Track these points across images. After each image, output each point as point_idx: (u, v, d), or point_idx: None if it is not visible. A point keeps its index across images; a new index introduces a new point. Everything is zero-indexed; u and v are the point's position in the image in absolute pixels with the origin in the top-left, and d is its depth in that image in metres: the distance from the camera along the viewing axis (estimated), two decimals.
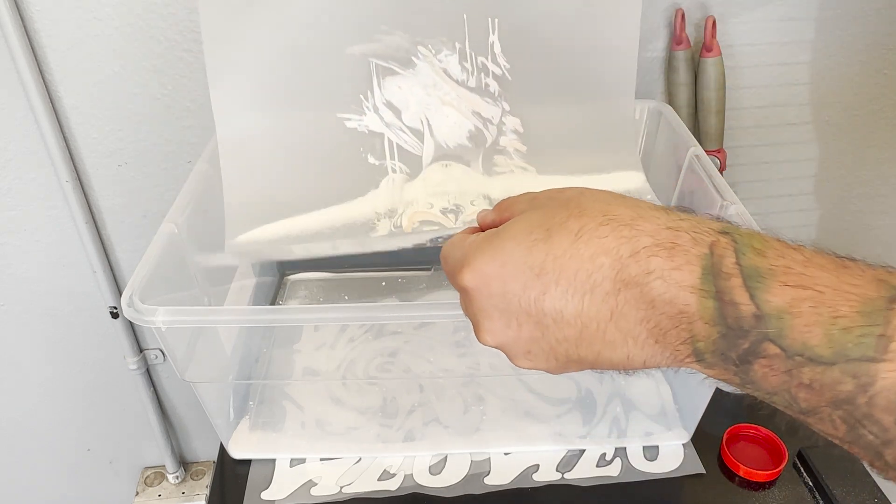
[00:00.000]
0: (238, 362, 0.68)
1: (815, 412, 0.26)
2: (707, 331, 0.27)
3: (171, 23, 0.73)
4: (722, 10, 0.76)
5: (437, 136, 0.65)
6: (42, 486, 1.12)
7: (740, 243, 0.28)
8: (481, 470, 0.62)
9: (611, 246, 0.30)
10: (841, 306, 0.25)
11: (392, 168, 0.65)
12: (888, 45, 0.81)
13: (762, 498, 0.59)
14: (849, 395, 0.24)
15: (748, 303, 0.26)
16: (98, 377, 1.00)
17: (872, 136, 0.87)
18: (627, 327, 0.30)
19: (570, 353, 0.32)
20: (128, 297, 0.49)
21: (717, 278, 0.27)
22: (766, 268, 0.27)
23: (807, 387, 0.25)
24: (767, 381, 0.27)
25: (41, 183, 0.82)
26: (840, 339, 0.24)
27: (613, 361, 0.31)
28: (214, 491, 0.63)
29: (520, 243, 0.32)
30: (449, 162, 0.65)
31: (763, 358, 0.26)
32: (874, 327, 0.24)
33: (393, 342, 0.71)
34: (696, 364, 0.29)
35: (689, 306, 0.28)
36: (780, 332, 0.26)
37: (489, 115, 0.66)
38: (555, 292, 0.31)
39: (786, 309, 0.26)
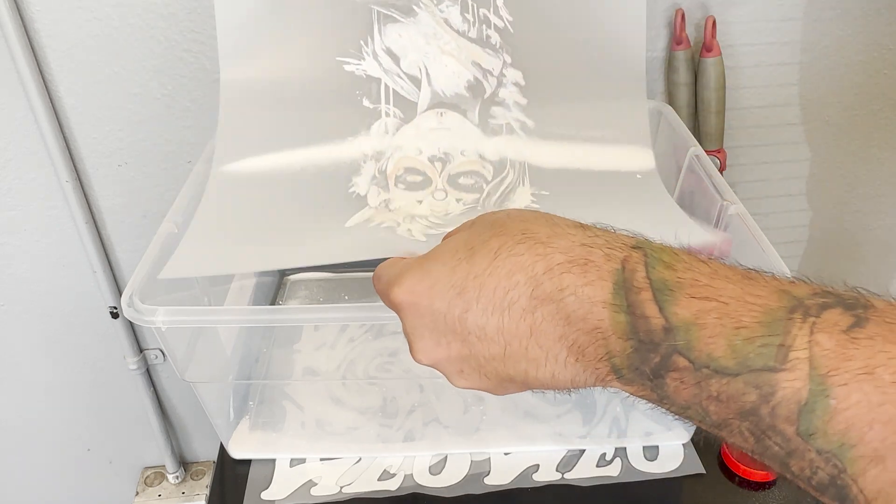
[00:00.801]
0: (238, 362, 0.68)
1: (726, 425, 0.26)
2: (621, 345, 0.28)
3: (171, 23, 0.73)
4: (722, 10, 0.76)
5: (434, 85, 0.65)
6: (42, 486, 1.12)
7: (651, 257, 0.28)
8: (481, 470, 0.62)
9: (526, 263, 0.30)
10: (743, 317, 0.25)
11: (386, 112, 0.64)
12: (888, 45, 0.81)
13: (762, 498, 0.59)
14: (753, 406, 0.24)
15: (658, 316, 0.27)
16: (98, 377, 1.00)
17: (872, 136, 0.87)
18: (548, 345, 0.30)
19: (500, 372, 0.32)
20: (128, 297, 0.49)
21: (629, 293, 0.28)
22: (674, 280, 0.27)
23: (715, 399, 0.25)
24: (679, 394, 0.27)
25: (41, 183, 0.82)
26: (742, 349, 0.24)
27: (541, 380, 0.31)
28: (214, 491, 0.63)
29: (445, 263, 0.33)
30: (444, 110, 0.65)
31: (674, 371, 0.26)
32: (774, 337, 0.24)
33: (393, 342, 0.71)
34: (617, 382, 0.29)
35: (603, 321, 0.28)
36: (687, 344, 0.26)
37: (489, 66, 0.65)
38: (476, 310, 0.31)
39: (692, 321, 0.26)
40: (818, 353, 0.23)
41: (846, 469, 0.23)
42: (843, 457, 0.23)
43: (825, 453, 0.23)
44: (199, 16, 0.73)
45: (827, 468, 0.23)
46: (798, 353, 0.24)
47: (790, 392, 0.23)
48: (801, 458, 0.24)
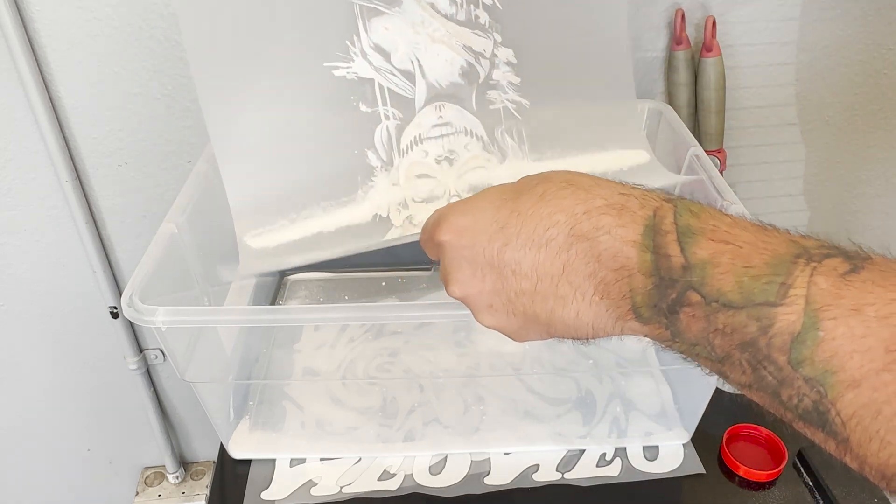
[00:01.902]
0: (238, 362, 0.68)
1: (728, 358, 0.28)
2: (643, 282, 0.30)
3: (171, 23, 0.73)
4: (722, 10, 0.76)
5: (428, 77, 0.63)
6: (42, 486, 1.12)
7: (679, 207, 0.31)
8: (481, 470, 0.62)
9: (568, 205, 0.33)
10: (753, 259, 0.28)
11: (385, 115, 0.63)
12: (888, 45, 0.81)
13: (762, 498, 0.59)
14: (753, 337, 0.27)
15: (679, 255, 0.29)
16: (98, 377, 1.00)
17: (872, 136, 0.87)
18: (577, 281, 0.33)
19: (528, 309, 0.35)
20: (128, 297, 0.49)
21: (656, 235, 0.30)
22: (697, 227, 0.30)
23: (721, 332, 0.28)
24: (690, 329, 0.29)
25: (41, 183, 0.82)
26: (748, 285, 0.27)
27: (565, 321, 0.34)
28: (214, 491, 0.63)
29: (491, 202, 0.36)
30: (442, 103, 0.64)
31: (687, 306, 0.29)
32: (778, 276, 0.27)
33: (393, 342, 0.71)
34: (634, 321, 0.32)
35: (631, 259, 0.31)
36: (701, 280, 0.29)
37: (481, 48, 0.64)
38: (515, 244, 0.34)
39: (708, 260, 0.29)
40: (814, 292, 0.26)
41: (827, 394, 0.25)
42: (826, 383, 0.25)
43: (811, 380, 0.25)
44: None
45: (811, 394, 0.25)
46: (797, 291, 0.26)
47: (786, 324, 0.26)
48: (791, 386, 0.26)
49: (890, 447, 0.24)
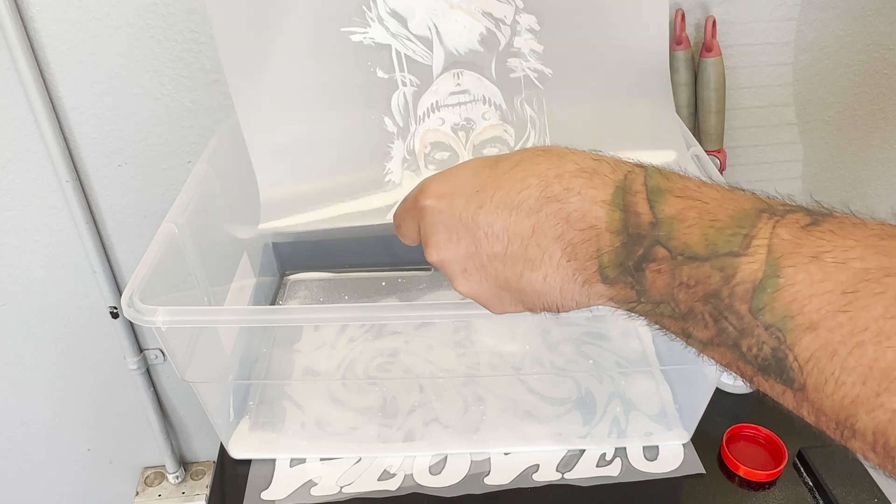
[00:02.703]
0: (238, 362, 0.68)
1: (691, 314, 0.29)
2: (611, 240, 0.31)
3: (170, 23, 0.73)
4: (722, 10, 0.76)
5: (446, 43, 0.62)
6: (42, 486, 1.12)
7: (650, 170, 0.32)
8: (481, 470, 0.62)
9: (541, 170, 0.34)
10: (719, 214, 0.28)
11: (402, 81, 0.62)
12: (888, 45, 0.81)
13: (762, 498, 0.59)
14: (715, 288, 0.27)
15: (647, 212, 0.30)
16: (98, 377, 1.00)
17: (872, 136, 0.87)
18: (545, 243, 0.33)
19: (499, 274, 0.35)
20: (128, 297, 0.49)
21: (626, 194, 0.31)
22: (666, 186, 0.31)
23: (685, 286, 0.28)
24: (655, 286, 0.30)
25: (41, 183, 0.82)
26: (713, 237, 0.28)
27: (534, 284, 0.34)
28: (214, 491, 0.63)
29: (471, 169, 0.37)
30: (460, 70, 0.63)
31: (653, 262, 0.29)
32: (742, 229, 0.27)
33: (393, 342, 0.71)
34: (601, 284, 0.32)
35: (599, 219, 0.31)
36: (668, 235, 0.29)
37: (501, 14, 0.62)
38: (489, 207, 0.35)
39: (675, 216, 0.29)
40: (776, 242, 0.26)
41: (786, 339, 0.25)
42: (785, 328, 0.25)
43: (770, 327, 0.26)
44: (199, 16, 0.73)
45: (771, 342, 0.26)
46: (759, 242, 0.27)
47: (748, 273, 0.26)
48: (751, 335, 0.26)
49: (844, 388, 0.24)
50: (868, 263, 0.24)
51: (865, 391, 0.23)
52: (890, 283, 0.23)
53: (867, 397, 0.23)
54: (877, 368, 0.23)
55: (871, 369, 0.23)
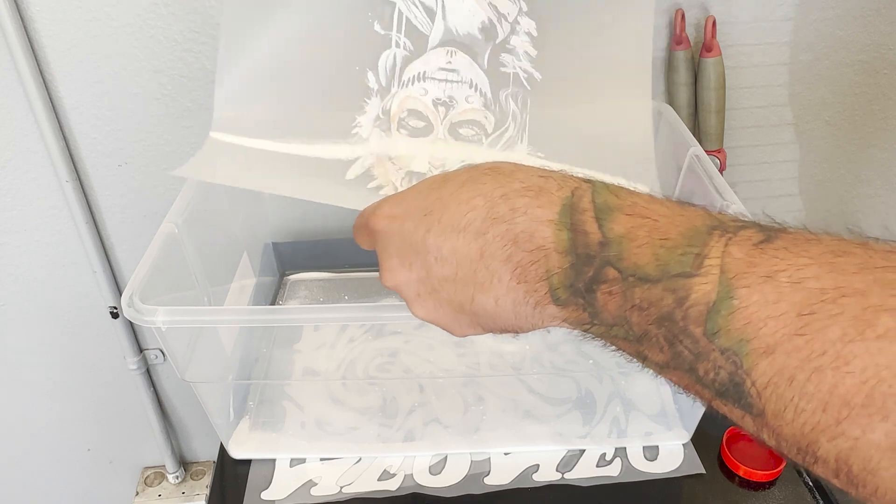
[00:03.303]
0: (238, 362, 0.68)
1: (646, 336, 0.28)
2: (560, 261, 0.30)
3: (170, 23, 0.73)
4: (722, 10, 0.76)
5: (448, 20, 0.62)
6: (42, 486, 1.11)
7: (598, 186, 0.31)
8: (481, 470, 0.62)
9: (487, 189, 0.33)
10: (670, 232, 0.28)
11: (397, 42, 0.62)
12: (888, 45, 0.81)
13: (762, 498, 0.59)
14: (669, 310, 0.26)
15: (596, 231, 0.29)
16: (98, 377, 1.00)
17: (872, 136, 0.87)
18: (494, 266, 0.32)
19: (452, 297, 0.35)
20: (128, 297, 0.49)
21: (574, 213, 0.30)
22: (615, 203, 0.30)
23: (638, 308, 0.28)
24: (608, 308, 0.29)
25: (41, 183, 0.82)
26: (664, 257, 0.27)
27: (486, 308, 0.33)
28: (214, 491, 0.63)
29: (420, 191, 0.37)
30: (455, 49, 0.63)
31: (605, 283, 0.29)
32: (693, 247, 0.26)
33: (393, 342, 0.71)
34: (552, 305, 0.31)
35: (547, 238, 0.30)
36: (618, 255, 0.28)
37: (505, 10, 0.63)
38: (437, 229, 0.34)
39: (625, 234, 0.29)
40: (728, 262, 0.25)
41: (742, 364, 0.24)
42: (741, 352, 0.24)
43: (726, 351, 0.25)
44: (199, 16, 0.73)
45: (727, 366, 0.25)
46: (712, 261, 0.26)
47: (701, 295, 0.26)
48: (707, 359, 0.26)
49: (804, 415, 0.23)
50: (823, 283, 0.23)
51: (826, 418, 0.22)
52: (846, 303, 0.23)
53: (828, 425, 0.22)
54: (836, 395, 0.22)
55: (830, 395, 0.22)
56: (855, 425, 0.22)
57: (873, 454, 0.22)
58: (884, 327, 0.22)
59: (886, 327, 0.22)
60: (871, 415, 0.21)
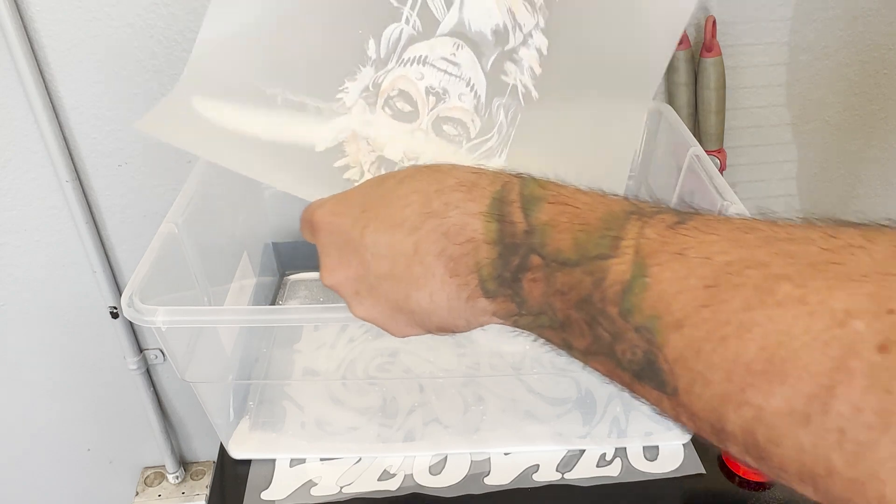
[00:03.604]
0: (238, 362, 0.68)
1: (568, 323, 0.28)
2: (488, 252, 0.30)
3: (170, 23, 0.73)
4: (722, 9, 0.76)
5: (464, 13, 0.61)
6: (42, 486, 1.12)
7: (527, 180, 0.32)
8: (481, 470, 0.62)
9: (423, 186, 0.33)
10: (589, 218, 0.28)
11: (407, 18, 0.60)
12: (888, 45, 0.81)
13: (762, 498, 0.59)
14: (588, 293, 0.27)
15: (522, 221, 0.30)
16: (98, 377, 1.00)
17: (872, 136, 0.87)
18: (428, 261, 0.32)
19: (388, 295, 0.35)
20: (128, 297, 0.49)
21: (503, 205, 0.31)
22: (541, 194, 0.31)
23: (560, 293, 0.28)
24: (533, 295, 0.29)
25: (41, 183, 0.82)
26: (583, 241, 0.28)
27: (422, 305, 0.33)
28: (214, 491, 0.63)
29: (360, 190, 0.37)
30: (462, 43, 0.62)
31: (529, 271, 0.29)
32: (611, 231, 0.27)
33: (393, 342, 0.71)
34: (484, 299, 0.31)
35: (477, 230, 0.31)
36: (542, 242, 0.29)
37: (523, 20, 0.62)
38: (374, 226, 0.34)
39: (548, 222, 0.29)
40: (643, 242, 0.26)
41: (655, 340, 0.25)
42: (653, 328, 0.25)
43: (640, 329, 0.25)
44: (199, 16, 0.73)
45: (642, 344, 0.25)
46: (627, 243, 0.26)
47: (617, 275, 0.26)
48: (623, 339, 0.26)
49: (711, 386, 0.23)
50: (730, 257, 0.24)
51: (731, 388, 0.22)
52: (750, 274, 0.23)
53: (733, 394, 0.22)
54: (739, 363, 0.22)
55: (734, 364, 0.22)
56: (757, 392, 0.22)
57: (775, 421, 0.21)
58: (783, 294, 0.22)
59: (785, 293, 0.22)
60: (770, 380, 0.21)
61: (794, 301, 0.21)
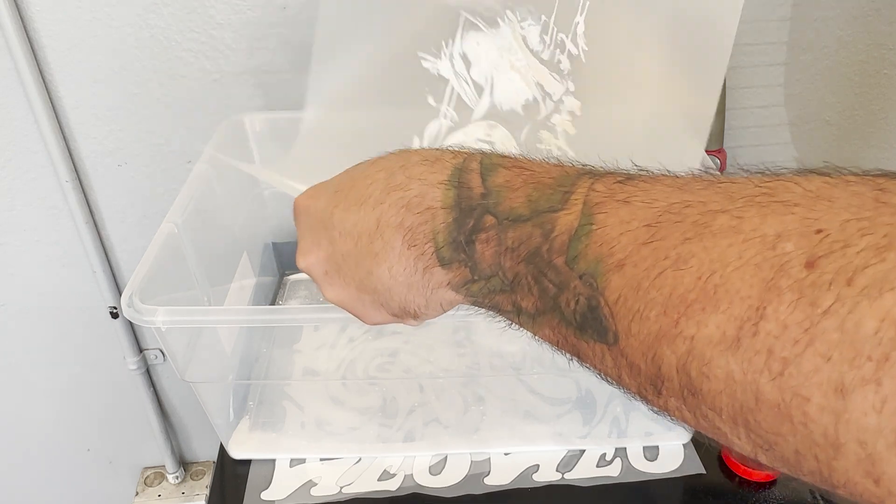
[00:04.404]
0: (238, 362, 0.68)
1: (517, 280, 0.28)
2: (444, 217, 0.31)
3: (170, 23, 0.73)
4: None
5: (495, 97, 0.65)
6: (42, 486, 1.12)
7: (489, 153, 0.32)
8: (481, 470, 0.62)
9: (389, 164, 0.34)
10: (544, 178, 0.29)
11: (444, 114, 0.65)
12: (888, 45, 0.81)
13: (762, 498, 0.59)
14: (536, 245, 0.27)
15: (479, 186, 0.31)
16: (98, 377, 1.00)
17: (872, 136, 0.87)
18: (388, 234, 0.33)
19: (353, 274, 0.35)
20: (128, 297, 0.49)
21: (462, 174, 0.31)
22: (500, 161, 0.31)
23: (510, 251, 0.28)
24: (485, 258, 0.30)
25: (41, 183, 0.82)
26: (536, 197, 0.28)
27: (382, 280, 0.34)
28: (214, 491, 0.63)
29: (338, 175, 0.38)
30: (496, 123, 0.65)
31: (482, 231, 0.30)
32: (562, 188, 0.28)
33: (393, 342, 0.71)
34: (440, 268, 0.32)
35: (436, 199, 0.31)
36: (496, 202, 0.29)
37: (551, 90, 0.65)
38: (343, 205, 0.35)
39: (504, 184, 0.30)
40: (592, 196, 0.27)
41: (597, 285, 0.25)
42: (596, 272, 0.25)
43: (584, 275, 0.25)
44: (199, 16, 0.73)
45: (585, 291, 0.25)
46: (576, 197, 0.27)
47: (564, 226, 0.27)
48: (568, 288, 0.26)
49: (647, 323, 0.23)
50: (672, 200, 0.24)
51: (666, 321, 0.22)
52: (689, 212, 0.23)
53: (668, 328, 0.22)
54: (675, 295, 0.22)
55: (669, 297, 0.22)
56: (691, 322, 0.21)
57: (707, 350, 0.21)
58: (718, 225, 0.22)
59: (721, 224, 0.22)
60: (703, 308, 0.21)
61: (729, 230, 0.22)
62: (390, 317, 0.36)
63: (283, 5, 0.73)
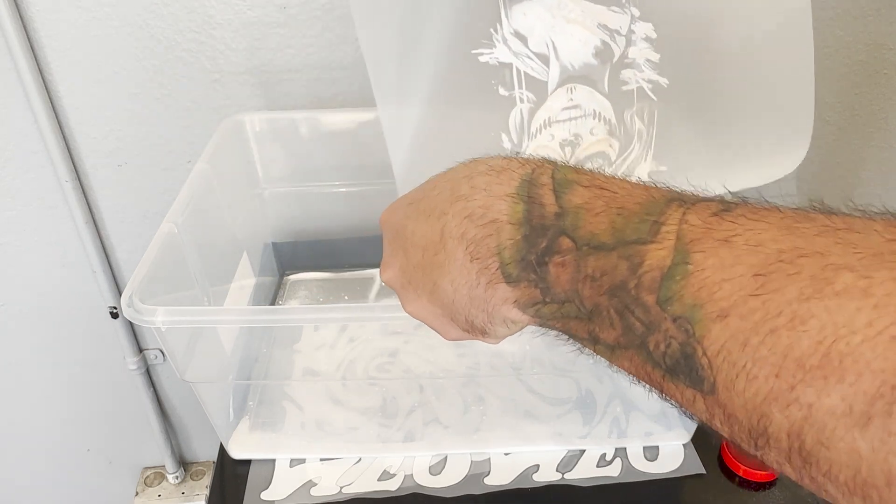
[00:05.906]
0: (238, 362, 0.68)
1: (597, 312, 0.27)
2: (512, 233, 0.29)
3: (170, 23, 0.73)
4: None
5: (562, 58, 0.61)
6: (42, 486, 1.12)
7: (561, 165, 0.31)
8: (481, 470, 0.62)
9: (456, 174, 0.33)
10: (627, 202, 0.27)
11: (520, 98, 0.61)
12: (888, 45, 0.81)
13: (762, 498, 0.59)
14: (622, 279, 0.25)
15: (553, 203, 0.29)
16: (98, 377, 1.00)
17: (872, 136, 0.87)
18: (451, 246, 0.32)
19: (422, 285, 0.34)
20: (128, 297, 0.49)
21: (532, 187, 0.30)
22: (574, 178, 0.29)
23: (590, 278, 0.27)
24: (559, 281, 0.28)
25: (41, 183, 0.82)
26: (620, 225, 0.26)
27: (446, 292, 0.33)
28: (214, 491, 0.63)
29: (417, 188, 0.37)
30: (574, 85, 0.61)
31: (558, 254, 0.28)
32: (650, 216, 0.26)
33: (393, 342, 0.71)
34: (505, 284, 0.30)
35: (501, 212, 0.30)
36: (574, 225, 0.28)
37: (616, 25, 0.60)
38: (414, 217, 0.35)
39: (582, 205, 0.28)
40: (685, 228, 0.25)
41: (694, 332, 0.23)
42: (693, 318, 0.23)
43: (678, 319, 0.23)
44: (199, 16, 0.73)
45: (679, 335, 0.24)
46: (668, 228, 0.25)
47: (656, 261, 0.24)
48: (658, 329, 0.24)
49: (756, 382, 0.21)
50: (782, 245, 0.22)
51: (779, 384, 0.21)
52: (804, 263, 0.21)
53: (781, 391, 0.20)
54: (791, 357, 0.20)
55: (784, 358, 0.20)
56: (810, 389, 0.20)
57: (828, 422, 0.20)
58: (842, 284, 0.20)
59: (845, 284, 0.20)
60: (826, 376, 0.19)
61: (856, 292, 0.20)
62: (463, 332, 0.35)
63: (283, 5, 0.73)
